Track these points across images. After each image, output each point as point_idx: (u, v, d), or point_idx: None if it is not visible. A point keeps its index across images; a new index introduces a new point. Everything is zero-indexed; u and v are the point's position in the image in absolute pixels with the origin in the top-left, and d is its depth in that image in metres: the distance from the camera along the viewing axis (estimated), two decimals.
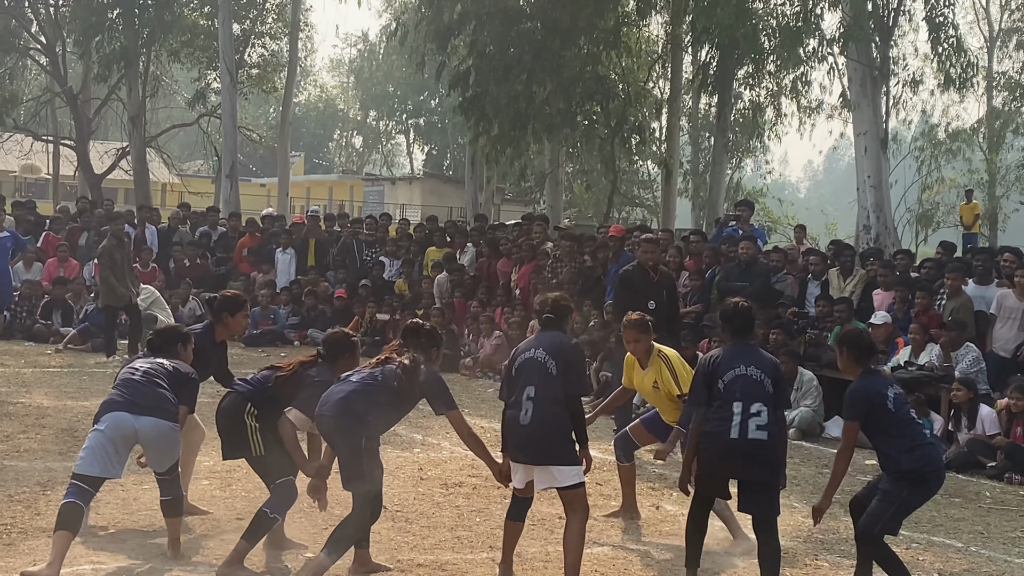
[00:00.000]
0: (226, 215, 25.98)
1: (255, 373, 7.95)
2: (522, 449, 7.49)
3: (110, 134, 55.59)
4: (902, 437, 7.52)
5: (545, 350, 7.56)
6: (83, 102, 37.64)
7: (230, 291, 9.29)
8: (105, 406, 7.71)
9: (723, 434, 7.44)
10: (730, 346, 7.83)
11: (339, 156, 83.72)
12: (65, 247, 22.11)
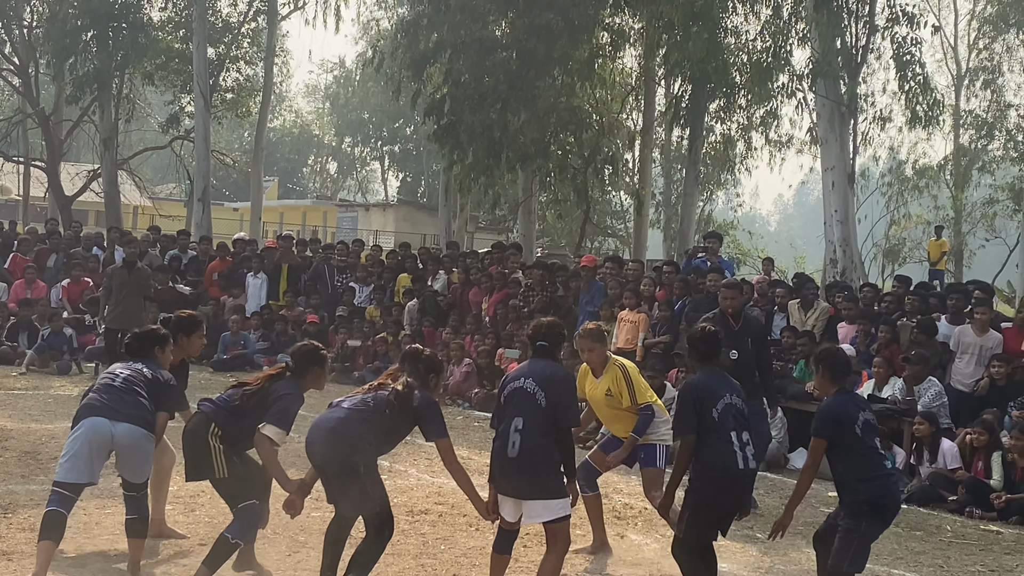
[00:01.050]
0: (197, 238, 25.95)
1: (220, 394, 7.89)
2: (510, 482, 7.38)
3: (82, 156, 55.53)
4: (863, 465, 7.46)
5: (535, 380, 7.43)
6: (55, 123, 37.62)
7: (186, 312, 9.18)
8: (83, 410, 7.71)
9: (731, 466, 7.49)
10: (707, 372, 7.85)
11: (313, 182, 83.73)
12: (33, 268, 22.06)
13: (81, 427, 7.62)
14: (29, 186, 45.15)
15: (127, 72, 34.91)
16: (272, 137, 68.19)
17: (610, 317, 17.51)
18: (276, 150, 74.35)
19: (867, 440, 7.50)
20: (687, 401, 7.69)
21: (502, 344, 18.80)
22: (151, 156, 45.92)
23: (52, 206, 39.22)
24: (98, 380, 7.96)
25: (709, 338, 7.98)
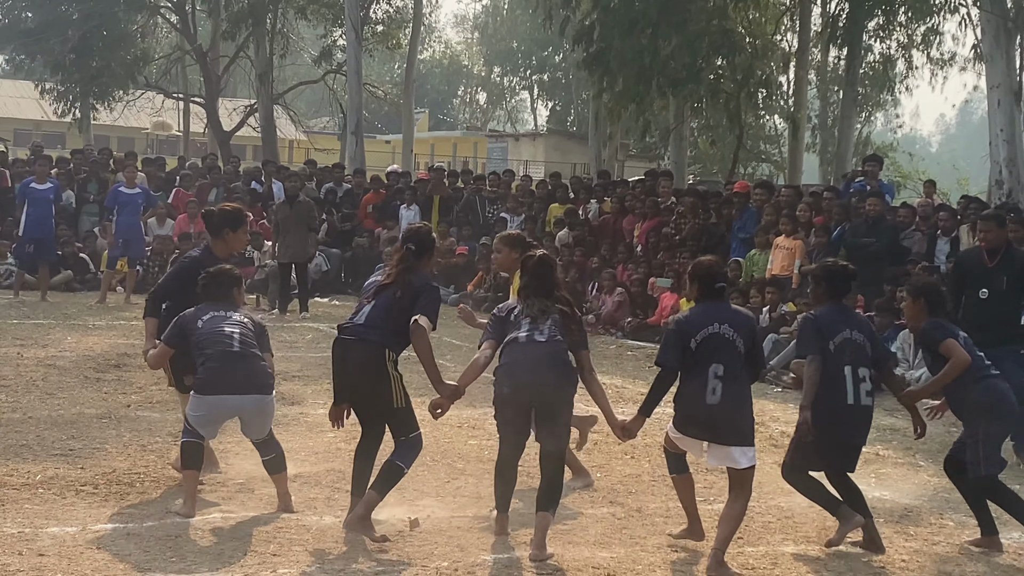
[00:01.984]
0: (351, 172, 26.21)
1: (355, 315, 7.55)
2: (709, 428, 7.24)
3: (238, 91, 56.45)
4: (970, 368, 7.81)
5: (732, 326, 7.32)
6: (212, 60, 38.27)
7: (230, 205, 8.91)
8: (212, 383, 7.64)
9: (840, 400, 7.52)
10: (830, 307, 7.84)
11: (463, 112, 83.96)
12: (195, 203, 22.51)
13: (207, 401, 7.66)
14: (189, 122, 46.09)
15: (280, 7, 35.29)
16: (422, 69, 68.45)
17: (765, 244, 17.23)
18: (426, 82, 74.65)
19: (969, 347, 7.93)
20: (809, 329, 7.76)
21: (653, 273, 18.66)
22: (305, 90, 46.40)
23: (211, 141, 40.02)
24: (215, 344, 7.69)
25: (842, 275, 7.95)
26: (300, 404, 11.48)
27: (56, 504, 7.73)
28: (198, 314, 7.86)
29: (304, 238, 19.02)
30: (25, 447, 9.23)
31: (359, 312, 7.53)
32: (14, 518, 7.35)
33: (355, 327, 7.46)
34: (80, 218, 22.58)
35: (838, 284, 7.92)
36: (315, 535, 7.28)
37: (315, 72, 40.83)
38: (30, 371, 12.35)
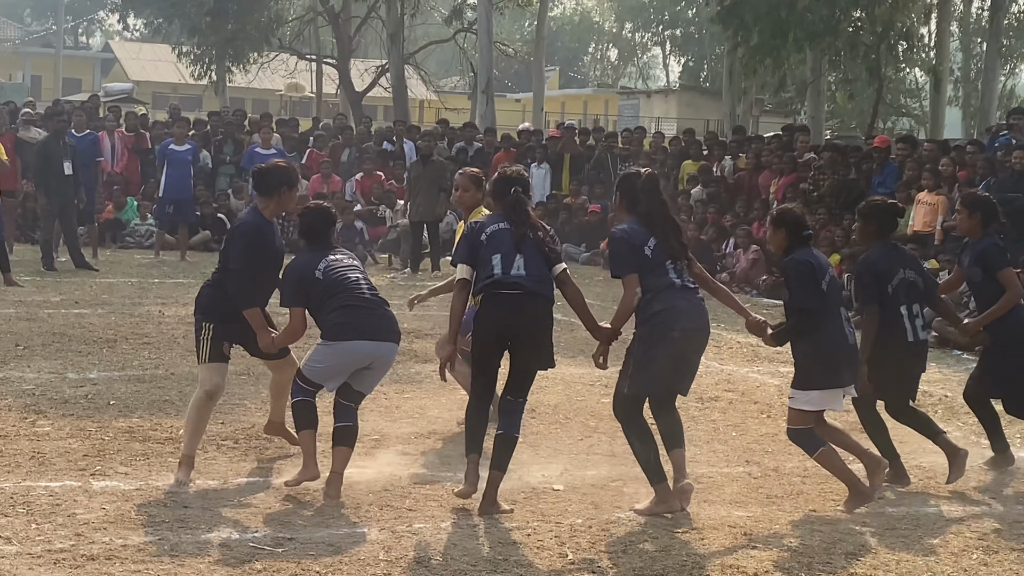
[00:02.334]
0: (482, 131, 26.23)
1: (505, 267, 6.98)
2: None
3: (370, 52, 56.83)
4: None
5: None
6: (344, 21, 38.56)
7: (283, 162, 8.00)
8: (349, 328, 7.16)
9: (900, 338, 7.86)
10: (881, 247, 8.03)
11: (594, 70, 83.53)
12: (328, 163, 22.73)
13: (343, 348, 7.18)
14: (321, 83, 46.55)
15: None
16: (553, 26, 68.16)
17: (906, 199, 16.81)
18: (557, 39, 74.37)
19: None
20: (867, 276, 7.92)
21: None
22: (435, 50, 46.57)
23: (343, 102, 40.39)
24: (346, 291, 7.24)
25: (892, 212, 8.16)
26: (432, 362, 11.49)
27: (198, 458, 7.86)
28: (310, 264, 7.32)
29: (436, 197, 19.11)
30: (168, 402, 9.42)
31: (509, 264, 6.96)
32: (159, 471, 7.51)
33: (522, 281, 6.94)
34: (216, 179, 22.96)
35: (888, 221, 8.12)
36: (449, 491, 7.29)
37: (445, 31, 40.92)
38: (171, 329, 12.59)
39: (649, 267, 7.08)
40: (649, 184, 7.28)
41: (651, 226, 7.16)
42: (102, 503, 6.77)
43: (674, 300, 7.07)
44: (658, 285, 7.06)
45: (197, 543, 6.24)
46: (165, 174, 19.44)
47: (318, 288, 7.27)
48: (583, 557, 6.34)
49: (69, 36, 71.62)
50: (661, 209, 7.24)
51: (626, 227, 7.21)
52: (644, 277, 7.06)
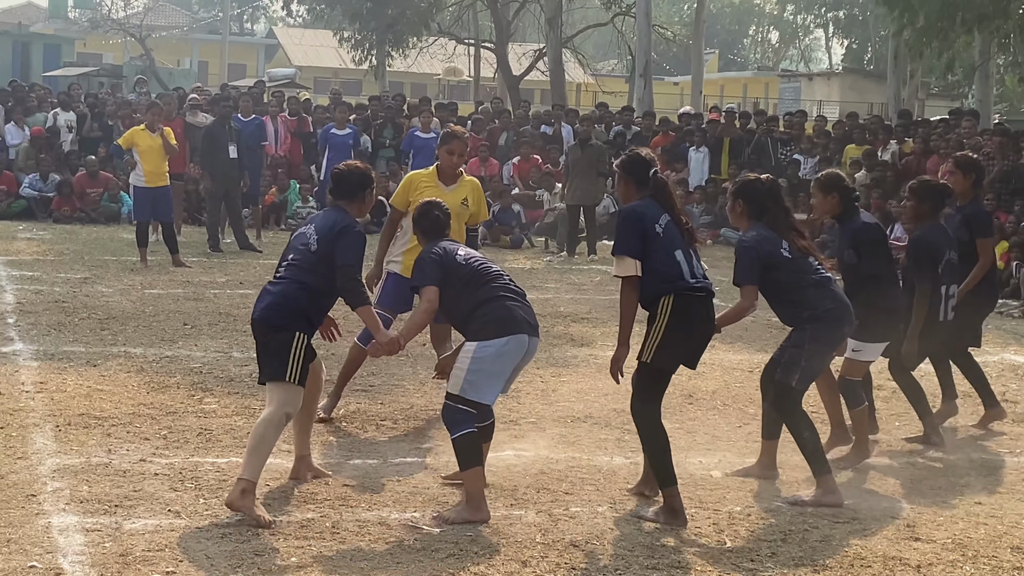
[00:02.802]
0: (640, 114, 26.10)
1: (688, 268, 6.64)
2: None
3: (527, 36, 56.97)
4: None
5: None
6: (503, 5, 38.72)
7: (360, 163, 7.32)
8: (511, 322, 6.57)
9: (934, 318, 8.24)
10: (931, 227, 8.33)
11: (754, 52, 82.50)
12: (485, 147, 22.86)
13: (509, 345, 6.53)
14: (479, 67, 46.83)
15: None
16: (712, 8, 67.49)
17: None
18: (716, 22, 73.64)
19: None
20: (922, 253, 8.20)
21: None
22: (593, 33, 46.46)
23: (501, 86, 40.57)
24: (494, 280, 6.71)
25: (942, 191, 8.48)
26: (589, 346, 11.52)
27: (358, 437, 8.01)
28: (450, 250, 6.80)
29: (594, 181, 19.10)
30: (329, 382, 9.53)
31: (690, 262, 6.66)
32: (320, 450, 7.65)
33: (705, 282, 6.70)
34: (376, 162, 23.26)
35: (940, 201, 8.40)
36: (606, 475, 7.29)
37: (603, 15, 40.78)
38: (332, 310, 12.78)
39: (792, 268, 7.07)
40: (774, 190, 7.31)
41: (779, 230, 7.14)
42: (265, 479, 6.92)
43: (839, 294, 7.23)
44: (808, 282, 7.09)
45: (357, 521, 6.34)
46: (326, 158, 19.77)
47: (460, 273, 6.67)
48: (742, 545, 6.28)
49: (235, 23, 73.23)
50: (787, 213, 7.30)
51: (756, 235, 7.13)
52: (788, 277, 7.07)
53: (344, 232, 6.67)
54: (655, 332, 6.53)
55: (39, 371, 9.39)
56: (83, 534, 5.94)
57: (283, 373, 6.49)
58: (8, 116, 22.48)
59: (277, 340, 6.55)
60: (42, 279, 14.12)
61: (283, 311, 6.61)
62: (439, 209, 7.06)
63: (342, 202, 6.95)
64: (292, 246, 6.86)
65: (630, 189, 6.83)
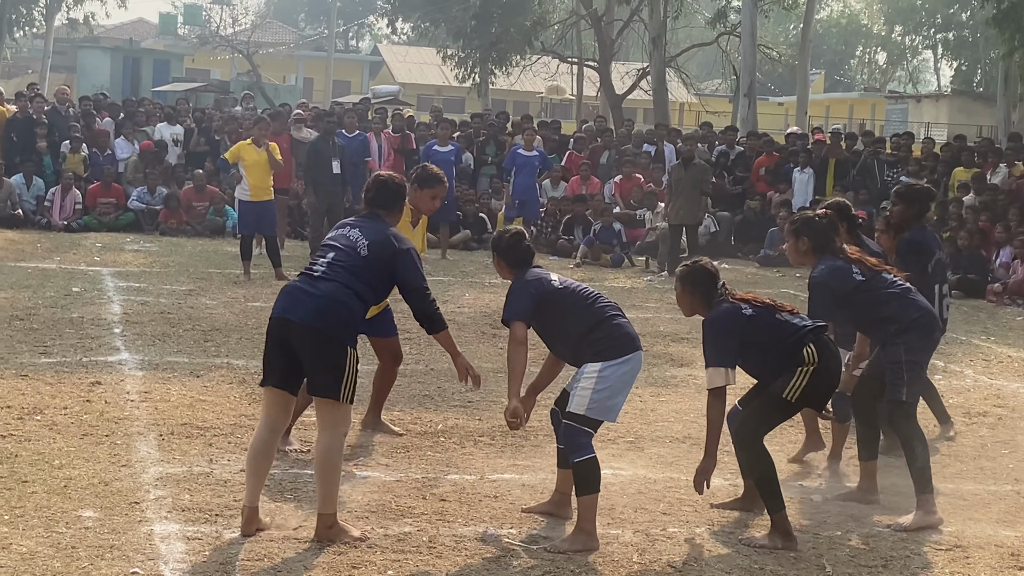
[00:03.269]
0: (744, 134, 25.92)
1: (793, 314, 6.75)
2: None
3: (631, 55, 56.87)
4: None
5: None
6: (606, 24, 38.69)
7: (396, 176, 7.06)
8: (628, 340, 6.54)
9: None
10: (920, 230, 8.38)
11: (861, 73, 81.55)
12: (587, 165, 22.83)
13: (631, 362, 6.51)
14: (582, 86, 46.85)
15: None
16: (819, 28, 66.80)
17: None
18: (822, 42, 72.88)
19: None
20: (913, 252, 8.21)
21: None
22: (697, 53, 46.20)
23: (603, 104, 40.52)
24: (597, 299, 6.63)
25: (928, 195, 8.60)
26: (689, 366, 11.43)
27: (456, 452, 8.02)
28: (543, 275, 6.69)
29: (697, 201, 18.99)
30: (427, 397, 9.62)
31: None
32: (418, 464, 7.68)
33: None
34: (478, 179, 23.36)
35: (926, 205, 8.57)
36: (705, 496, 7.22)
37: (708, 34, 40.56)
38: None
39: (868, 288, 7.14)
40: (833, 221, 7.39)
41: (845, 256, 7.22)
42: (364, 492, 6.96)
43: (922, 302, 7.27)
44: (888, 297, 7.17)
45: (454, 536, 6.35)
46: None
47: (562, 301, 6.59)
48: (842, 571, 6.18)
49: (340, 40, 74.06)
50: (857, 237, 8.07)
51: (824, 268, 7.14)
52: (867, 298, 7.13)
53: (404, 252, 6.43)
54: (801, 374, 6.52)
55: (144, 381, 9.55)
56: (184, 542, 6.02)
57: (337, 392, 6.08)
58: (118, 130, 22.95)
59: (330, 353, 6.08)
60: (148, 290, 14.36)
61: (337, 320, 6.11)
62: (526, 239, 6.89)
63: (380, 211, 6.66)
64: (333, 245, 6.40)
65: (696, 302, 6.78)
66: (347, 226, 6.53)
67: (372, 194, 6.70)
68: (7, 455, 7.28)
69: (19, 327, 11.48)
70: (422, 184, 8.19)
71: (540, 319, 6.62)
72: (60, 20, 54.85)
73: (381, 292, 6.50)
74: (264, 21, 59.91)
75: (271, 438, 6.25)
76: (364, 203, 6.73)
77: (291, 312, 6.13)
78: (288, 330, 6.13)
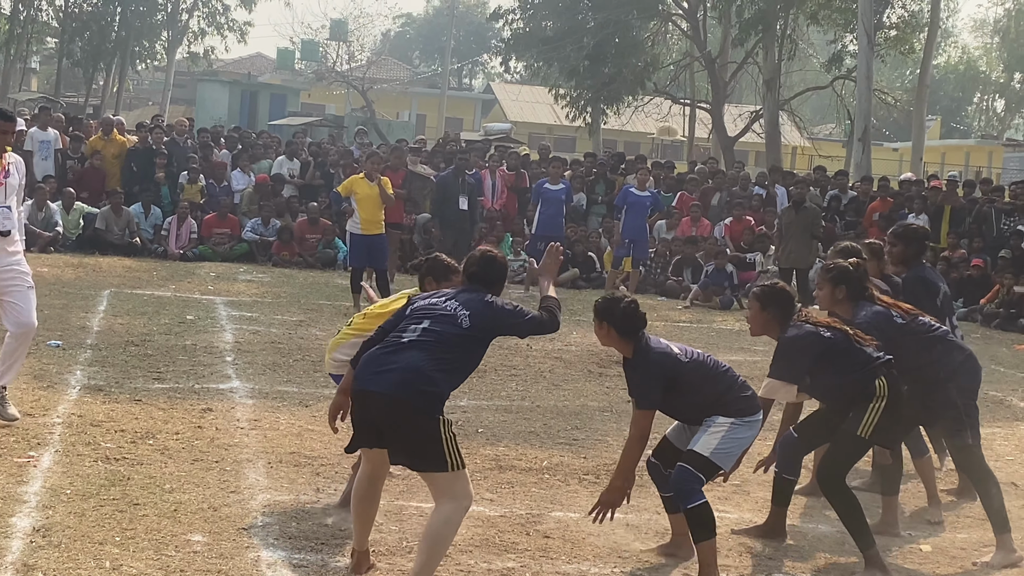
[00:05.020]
0: (858, 179, 25.61)
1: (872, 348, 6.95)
2: None
3: (744, 97, 56.64)
4: None
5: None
6: (720, 66, 38.59)
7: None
8: (756, 399, 6.66)
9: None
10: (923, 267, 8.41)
11: (978, 120, 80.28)
12: (698, 207, 22.74)
13: (756, 427, 6.63)
14: (694, 127, 46.74)
15: (792, 12, 35.06)
16: (936, 74, 66.00)
17: None
18: (939, 88, 71.96)
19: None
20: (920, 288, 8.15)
21: None
22: (811, 96, 45.96)
23: (715, 146, 40.39)
24: (707, 363, 6.62)
25: (925, 236, 8.59)
26: None
27: (560, 490, 8.00)
28: (666, 351, 6.57)
29: (807, 244, 18.82)
30: (532, 434, 9.62)
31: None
32: (522, 500, 7.68)
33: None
34: (589, 218, 23.37)
35: (924, 245, 8.51)
36: (811, 541, 7.12)
37: (823, 78, 40.28)
38: (538, 362, 12.88)
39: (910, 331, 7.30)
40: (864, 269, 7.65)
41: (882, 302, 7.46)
42: (469, 526, 6.97)
43: (962, 344, 7.70)
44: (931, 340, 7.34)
45: (557, 573, 6.34)
46: (539, 211, 19.90)
47: (691, 373, 6.51)
48: None
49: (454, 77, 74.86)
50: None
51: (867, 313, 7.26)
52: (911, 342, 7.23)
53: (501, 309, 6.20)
54: (873, 410, 6.71)
55: (254, 409, 9.68)
56: (291, 569, 6.08)
57: (449, 463, 5.71)
58: (235, 162, 23.37)
59: (422, 431, 5.70)
60: (260, 320, 14.57)
61: (426, 395, 5.74)
62: (636, 303, 6.67)
63: (483, 288, 6.29)
64: (426, 313, 6.06)
65: (771, 321, 6.94)
66: (447, 297, 6.18)
67: (476, 269, 6.31)
68: (120, 478, 7.41)
69: (134, 352, 11.71)
70: (438, 278, 7.03)
71: (665, 393, 6.48)
72: (181, 54, 56.16)
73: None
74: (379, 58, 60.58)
75: (371, 489, 6.16)
76: (465, 277, 6.39)
77: (379, 383, 5.78)
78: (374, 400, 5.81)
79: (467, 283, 6.32)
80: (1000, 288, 19.54)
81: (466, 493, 5.79)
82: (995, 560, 6.97)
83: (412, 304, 6.18)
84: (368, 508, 6.16)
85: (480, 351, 6.12)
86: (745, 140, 41.09)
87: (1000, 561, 6.96)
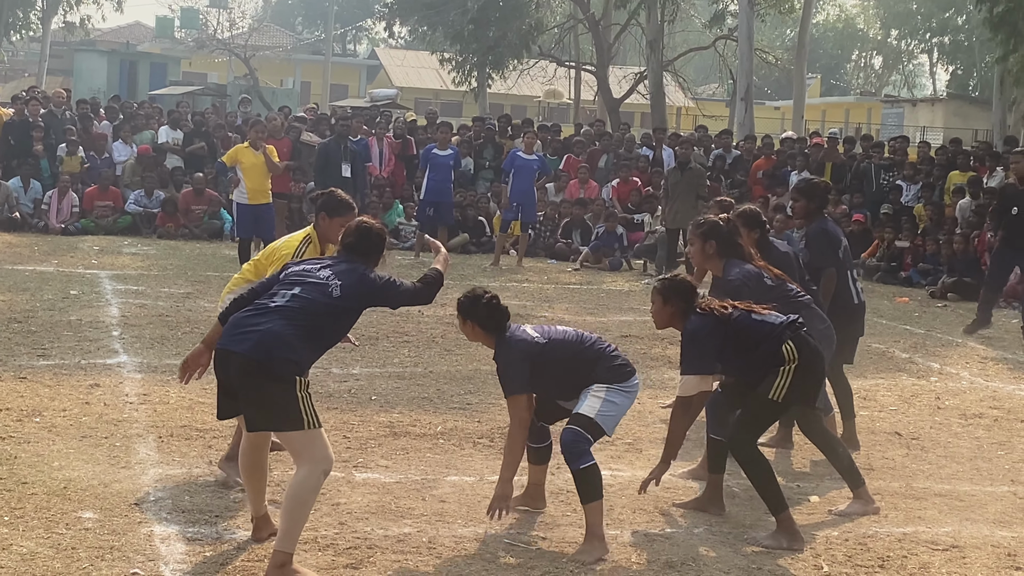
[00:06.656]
0: (742, 138, 25.94)
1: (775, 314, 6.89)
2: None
3: (628, 59, 56.98)
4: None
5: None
6: (604, 28, 38.78)
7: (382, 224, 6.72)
8: (630, 365, 6.69)
9: (850, 299, 8.72)
10: (826, 220, 8.82)
11: (857, 77, 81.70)
12: (585, 169, 22.87)
13: (632, 394, 6.63)
14: (580, 90, 46.93)
15: None
16: (815, 33, 66.96)
17: None
18: (819, 46, 73.00)
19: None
20: (824, 241, 8.62)
21: None
22: (694, 57, 46.43)
23: (600, 108, 40.60)
24: (582, 338, 6.66)
25: (828, 190, 9.05)
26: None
27: (455, 454, 8.04)
28: (522, 338, 6.63)
29: (693, 204, 18.97)
30: (426, 399, 9.65)
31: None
32: (417, 466, 7.70)
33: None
34: (477, 182, 23.39)
35: (826, 199, 8.97)
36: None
37: (705, 38, 40.69)
38: (430, 328, 12.89)
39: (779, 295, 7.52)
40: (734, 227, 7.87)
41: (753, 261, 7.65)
42: (364, 494, 6.99)
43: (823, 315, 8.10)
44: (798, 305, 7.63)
45: (454, 536, 6.38)
46: (427, 177, 19.84)
47: (550, 354, 6.53)
48: (839, 570, 6.22)
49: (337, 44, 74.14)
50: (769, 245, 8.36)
51: (740, 271, 7.45)
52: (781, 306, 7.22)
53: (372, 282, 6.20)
54: (784, 373, 6.62)
55: (143, 383, 9.57)
56: (185, 543, 6.05)
57: (303, 422, 5.71)
58: (116, 133, 22.95)
59: (274, 390, 5.72)
60: (146, 293, 14.38)
61: (281, 347, 5.75)
62: (497, 298, 6.71)
63: (358, 259, 6.25)
64: (297, 280, 6.06)
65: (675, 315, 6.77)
66: (323, 266, 6.15)
67: (352, 240, 6.29)
68: (6, 457, 7.30)
69: (17, 329, 11.49)
70: (331, 213, 7.23)
71: (533, 378, 6.50)
72: (56, 24, 54.84)
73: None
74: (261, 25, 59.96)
75: (256, 456, 6.15)
76: (341, 247, 6.35)
77: (241, 344, 5.80)
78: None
79: (344, 253, 6.29)
80: (880, 242, 19.96)
81: (325, 456, 5.74)
82: (851, 509, 7.17)
83: (287, 269, 6.22)
84: (257, 476, 6.19)
85: (348, 321, 6.14)
86: (630, 102, 41.37)
87: (857, 510, 7.16)
